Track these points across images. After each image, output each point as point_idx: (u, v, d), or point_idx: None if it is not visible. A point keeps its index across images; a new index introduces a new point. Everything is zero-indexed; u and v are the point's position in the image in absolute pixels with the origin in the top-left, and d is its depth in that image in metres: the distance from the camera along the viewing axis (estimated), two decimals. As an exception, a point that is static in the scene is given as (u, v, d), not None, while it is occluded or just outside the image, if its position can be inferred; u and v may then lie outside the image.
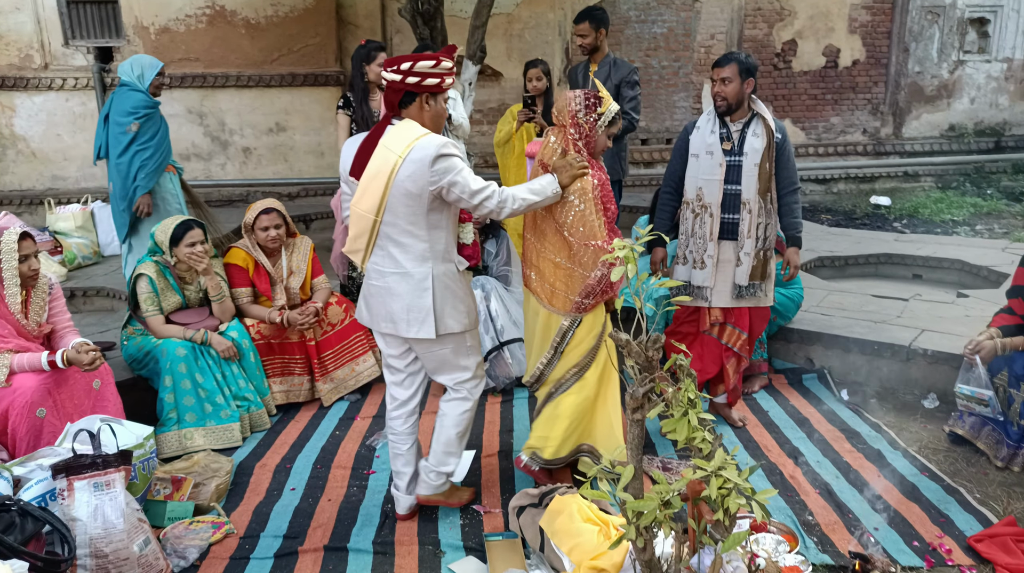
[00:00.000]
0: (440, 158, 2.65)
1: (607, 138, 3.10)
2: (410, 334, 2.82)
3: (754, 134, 3.58)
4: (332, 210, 4.70)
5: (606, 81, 4.41)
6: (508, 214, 2.85)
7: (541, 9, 9.70)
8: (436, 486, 3.07)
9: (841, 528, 2.92)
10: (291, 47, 9.33)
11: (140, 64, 4.53)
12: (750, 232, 3.61)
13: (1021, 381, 3.28)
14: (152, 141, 4.52)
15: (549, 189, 2.94)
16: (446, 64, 2.74)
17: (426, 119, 2.78)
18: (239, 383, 3.88)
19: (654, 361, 2.05)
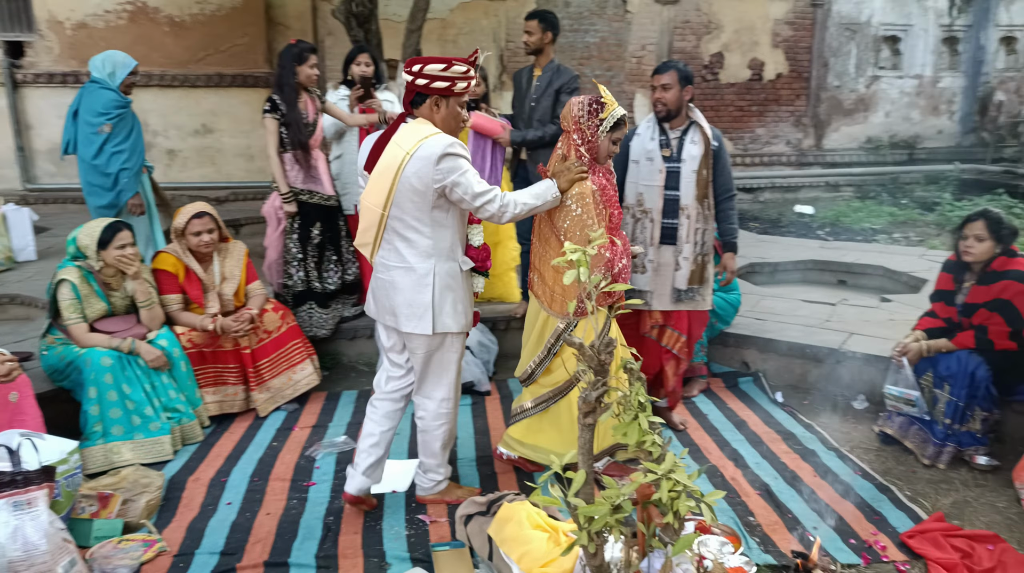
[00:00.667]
0: (446, 156, 2.70)
1: (611, 143, 3.10)
2: (408, 328, 2.87)
3: (692, 141, 3.65)
4: (264, 216, 4.54)
5: (548, 86, 4.42)
6: (509, 218, 2.89)
7: (475, 15, 9.71)
8: (430, 489, 3.19)
9: (782, 528, 2.99)
10: (218, 47, 9.07)
11: (112, 61, 4.41)
12: (689, 237, 3.67)
13: (945, 381, 3.44)
14: (127, 142, 4.44)
15: (549, 194, 2.98)
16: (458, 68, 2.75)
17: (437, 120, 2.83)
18: (169, 394, 3.71)
19: (607, 365, 2.05)
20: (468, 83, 2.80)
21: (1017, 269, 3.34)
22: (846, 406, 4.11)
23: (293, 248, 4.46)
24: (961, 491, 3.24)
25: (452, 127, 2.85)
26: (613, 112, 3.05)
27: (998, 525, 3.00)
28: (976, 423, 3.42)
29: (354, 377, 4.66)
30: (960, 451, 3.45)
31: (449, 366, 2.99)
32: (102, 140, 4.38)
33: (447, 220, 2.83)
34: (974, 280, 3.48)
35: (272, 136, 4.29)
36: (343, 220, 4.71)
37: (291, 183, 4.35)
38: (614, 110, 3.05)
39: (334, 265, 4.63)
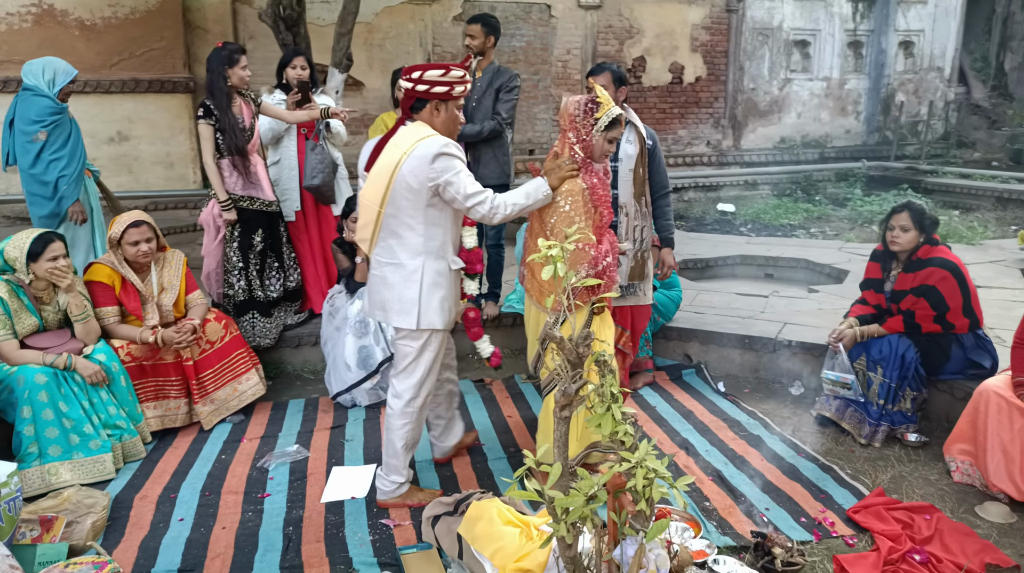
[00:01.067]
0: (440, 156, 2.81)
1: (606, 142, 3.12)
2: (395, 322, 2.98)
3: (628, 141, 3.75)
4: (202, 225, 4.41)
5: (488, 86, 4.46)
6: (500, 219, 2.95)
7: (401, 19, 9.67)
8: (391, 492, 3.17)
9: (736, 511, 3.10)
10: (133, 51, 8.73)
11: (53, 68, 4.27)
12: (628, 234, 3.77)
13: (878, 364, 3.65)
14: (65, 149, 4.30)
15: (539, 192, 3.02)
16: (455, 73, 2.87)
17: (437, 123, 2.94)
18: (109, 410, 3.56)
19: (584, 358, 2.10)
20: (465, 87, 2.92)
21: (940, 257, 3.57)
22: (784, 392, 4.30)
23: (234, 257, 4.35)
24: (896, 467, 3.44)
25: (451, 130, 2.98)
26: (608, 111, 3.08)
27: (932, 496, 3.20)
28: (907, 403, 3.64)
29: (299, 386, 4.57)
30: (893, 430, 3.66)
31: (418, 362, 3.03)
32: (38, 148, 4.26)
33: (440, 219, 2.92)
34: (901, 268, 3.70)
35: (207, 142, 4.17)
36: (284, 226, 4.61)
37: (230, 190, 4.24)
38: (609, 109, 3.09)
39: (276, 272, 4.54)
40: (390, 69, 9.41)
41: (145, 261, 3.83)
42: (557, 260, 2.07)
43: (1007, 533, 2.92)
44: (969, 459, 3.27)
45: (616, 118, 3.11)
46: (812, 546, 2.85)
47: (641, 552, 2.31)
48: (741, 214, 9.50)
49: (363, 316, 4.24)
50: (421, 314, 2.92)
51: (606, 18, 10.28)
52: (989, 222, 8.45)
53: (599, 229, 3.13)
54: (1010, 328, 4.24)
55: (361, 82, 9.50)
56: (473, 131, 4.46)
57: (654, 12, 10.41)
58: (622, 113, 3.14)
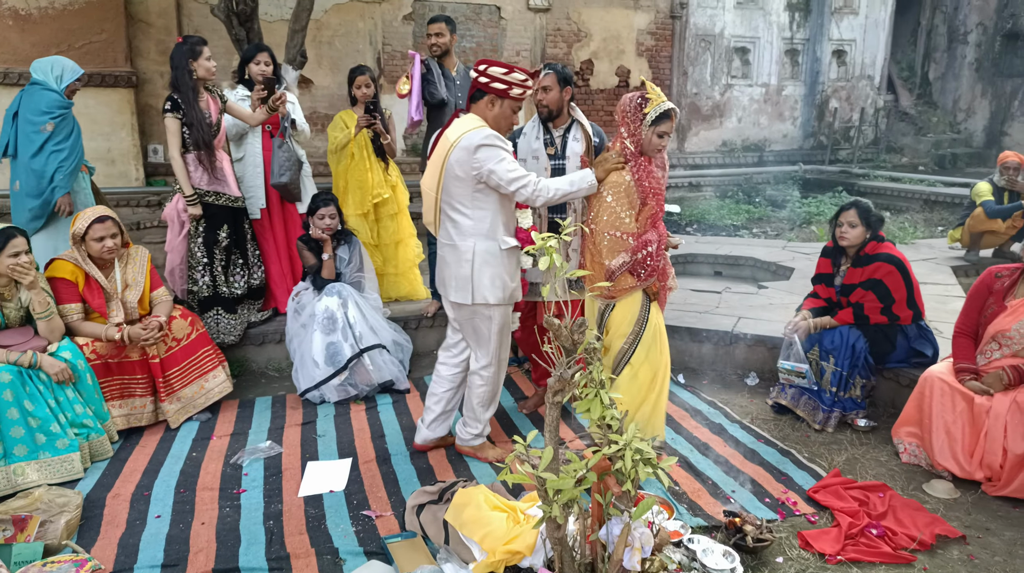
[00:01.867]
0: (481, 147, 3.04)
1: (656, 136, 3.18)
2: (453, 298, 3.27)
3: (574, 139, 3.79)
4: (165, 220, 4.34)
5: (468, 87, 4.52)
6: (543, 202, 3.14)
7: (351, 17, 9.63)
8: (468, 441, 3.52)
9: (705, 494, 3.25)
10: (72, 43, 8.46)
11: (61, 66, 4.38)
12: (578, 231, 3.81)
13: (830, 354, 3.86)
14: (67, 142, 4.31)
15: (584, 181, 3.19)
16: (516, 76, 3.09)
17: (490, 117, 3.17)
18: (76, 409, 3.49)
19: (579, 344, 2.19)
20: (524, 91, 3.11)
21: (886, 252, 3.81)
22: (741, 383, 4.49)
23: (198, 252, 4.30)
24: (849, 450, 3.65)
25: (502, 126, 3.19)
26: (657, 106, 3.14)
27: (883, 476, 3.41)
28: (857, 390, 3.87)
29: (265, 383, 4.55)
30: (844, 415, 3.88)
31: (489, 335, 3.31)
32: (43, 139, 4.29)
33: (487, 203, 3.15)
34: (849, 263, 3.93)
35: (174, 136, 4.12)
36: (248, 223, 4.58)
37: (195, 184, 4.20)
38: (658, 104, 3.15)
39: (240, 269, 4.51)
40: (340, 67, 9.40)
41: (110, 257, 3.76)
42: (551, 252, 2.16)
43: (952, 507, 3.15)
44: (916, 441, 3.50)
45: (665, 112, 3.16)
46: (778, 524, 3.02)
47: (627, 531, 2.43)
48: (687, 214, 9.78)
49: (331, 312, 4.26)
50: (475, 290, 3.17)
51: (555, 21, 10.45)
52: (918, 223, 8.93)
53: (651, 219, 3.27)
54: (946, 320, 4.55)
55: (310, 80, 9.43)
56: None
57: (601, 16, 10.63)
58: (673, 108, 3.19)
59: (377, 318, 4.47)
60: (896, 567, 2.73)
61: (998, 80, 13.00)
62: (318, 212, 4.35)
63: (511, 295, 3.26)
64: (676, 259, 6.54)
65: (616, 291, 3.32)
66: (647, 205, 3.26)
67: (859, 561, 2.75)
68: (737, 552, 2.73)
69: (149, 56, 8.88)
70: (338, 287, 4.35)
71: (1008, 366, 3.26)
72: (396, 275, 5.32)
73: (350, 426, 3.93)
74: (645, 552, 2.31)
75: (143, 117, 8.86)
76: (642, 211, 3.27)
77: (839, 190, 10.28)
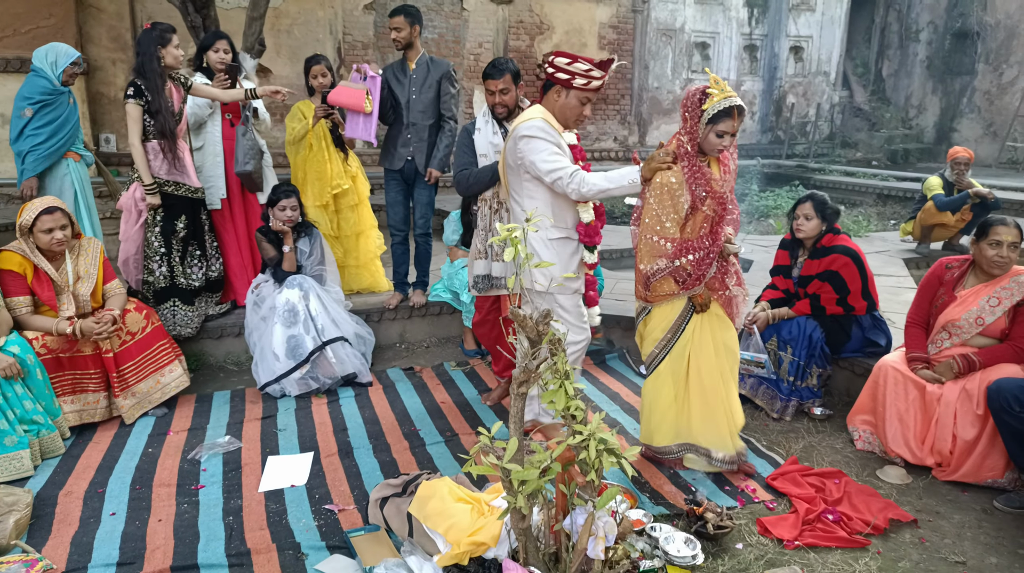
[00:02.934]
0: (523, 138, 3.05)
1: (715, 135, 2.92)
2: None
3: None
4: (120, 209, 4.23)
5: (427, 78, 4.48)
6: (579, 196, 3.06)
7: (310, 6, 9.49)
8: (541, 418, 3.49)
9: (667, 483, 3.29)
10: (17, 28, 8.19)
11: (55, 52, 4.39)
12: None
13: (788, 344, 3.93)
14: (46, 127, 4.35)
15: (624, 179, 3.05)
16: (579, 66, 3.01)
17: (556, 108, 3.12)
18: (25, 405, 3.39)
19: (544, 335, 2.19)
20: (589, 81, 3.02)
21: (842, 244, 3.89)
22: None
23: (155, 242, 4.20)
24: (806, 438, 3.73)
25: (567, 117, 3.13)
26: (715, 104, 2.88)
27: (839, 463, 3.49)
28: (813, 379, 3.94)
29: (223, 377, 4.47)
30: (801, 404, 3.95)
31: (562, 317, 3.28)
32: (23, 124, 4.37)
33: (537, 193, 3.16)
34: (807, 255, 4.00)
35: (136, 123, 4.02)
36: (207, 214, 4.49)
37: (155, 174, 4.10)
38: (717, 101, 2.87)
39: (198, 261, 4.42)
40: (298, 56, 9.26)
41: (59, 249, 3.65)
42: (515, 243, 2.16)
43: (905, 492, 3.23)
44: (870, 428, 3.59)
45: (726, 109, 2.88)
46: (737, 511, 3.07)
47: (591, 520, 2.44)
48: (648, 208, 9.85)
49: (292, 305, 4.20)
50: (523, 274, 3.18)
51: (517, 13, 10.43)
52: (872, 216, 9.14)
53: (710, 226, 3.03)
54: (898, 311, 4.67)
55: (268, 69, 9.27)
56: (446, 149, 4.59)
57: (563, 9, 10.63)
58: (737, 105, 2.91)
59: (339, 311, 4.42)
60: (851, 551, 2.79)
61: (948, 78, 13.35)
62: (279, 204, 4.28)
63: (563, 287, 3.21)
64: (638, 251, 6.59)
65: (653, 297, 3.16)
66: (698, 210, 3.00)
67: (816, 546, 2.81)
68: (698, 539, 2.77)
69: (100, 43, 8.64)
70: (299, 279, 4.29)
71: (958, 355, 3.36)
72: (357, 267, 5.26)
73: (312, 420, 3.89)
74: (609, 541, 2.33)
75: (94, 105, 8.62)
76: (693, 217, 3.02)
77: (796, 184, 10.46)
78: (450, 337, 5.10)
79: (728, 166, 3.09)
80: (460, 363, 4.72)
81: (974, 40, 12.83)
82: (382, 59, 9.76)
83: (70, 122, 4.50)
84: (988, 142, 12.66)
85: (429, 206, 4.77)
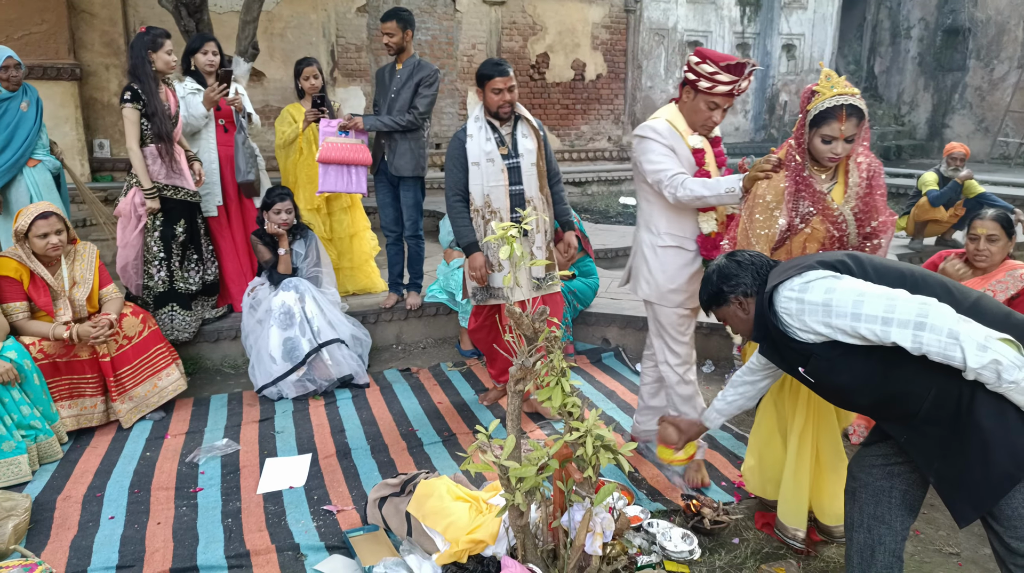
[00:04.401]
0: (636, 138, 3.00)
1: (821, 142, 2.49)
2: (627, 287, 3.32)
3: (523, 135, 3.65)
4: (117, 215, 4.23)
5: (408, 79, 4.49)
6: (675, 200, 2.88)
7: (303, 9, 9.49)
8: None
9: (664, 479, 3.30)
10: (10, 34, 8.17)
11: None
12: (538, 227, 3.70)
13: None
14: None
15: (721, 187, 2.75)
16: (705, 67, 2.79)
17: (685, 108, 2.96)
18: (23, 410, 3.39)
19: (540, 333, 2.21)
20: (713, 85, 2.79)
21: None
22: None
23: (155, 247, 4.21)
24: (802, 433, 3.74)
25: (693, 120, 2.94)
26: (818, 103, 2.47)
27: (835, 458, 3.50)
28: (808, 375, 3.95)
29: (220, 381, 4.47)
30: (797, 400, 3.96)
31: (657, 332, 3.21)
32: None
33: (652, 195, 3.03)
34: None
35: (133, 127, 4.02)
36: (202, 218, 4.50)
37: (153, 178, 4.11)
38: (822, 101, 2.46)
39: (195, 265, 4.42)
40: (291, 59, 9.22)
41: (55, 254, 3.65)
42: (511, 242, 2.17)
43: (900, 486, 3.25)
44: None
45: (829, 110, 2.45)
46: (734, 506, 3.08)
47: (588, 517, 2.46)
48: (642, 207, 9.88)
49: (288, 307, 4.21)
50: (634, 280, 3.21)
51: (510, 14, 10.45)
52: (865, 213, 9.15)
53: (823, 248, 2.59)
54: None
55: (262, 73, 9.27)
56: (389, 122, 4.49)
57: (556, 10, 10.65)
58: (845, 104, 2.44)
59: (335, 313, 4.43)
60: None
61: (939, 74, 13.41)
62: (274, 207, 4.29)
63: (664, 297, 3.05)
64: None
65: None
66: (798, 231, 2.58)
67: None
68: (695, 534, 2.79)
69: (93, 48, 8.63)
70: (295, 282, 4.30)
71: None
72: (352, 269, 5.27)
73: (309, 422, 3.90)
74: (606, 537, 2.35)
75: (88, 111, 8.61)
76: (792, 238, 2.61)
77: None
78: (446, 338, 5.11)
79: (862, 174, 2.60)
80: (457, 364, 4.74)
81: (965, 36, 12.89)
82: (375, 62, 9.77)
83: (24, 129, 4.27)
84: (980, 138, 12.72)
85: (415, 208, 4.73)
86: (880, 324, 1.86)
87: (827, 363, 2.02)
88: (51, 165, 4.51)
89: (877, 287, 1.93)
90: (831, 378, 2.06)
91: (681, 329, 3.16)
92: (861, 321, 1.88)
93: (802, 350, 2.04)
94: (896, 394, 1.97)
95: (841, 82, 2.50)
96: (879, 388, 1.99)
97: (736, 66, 2.77)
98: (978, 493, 1.89)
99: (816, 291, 1.97)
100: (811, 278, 2.00)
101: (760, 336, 2.20)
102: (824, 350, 2.00)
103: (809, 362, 2.06)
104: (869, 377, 1.98)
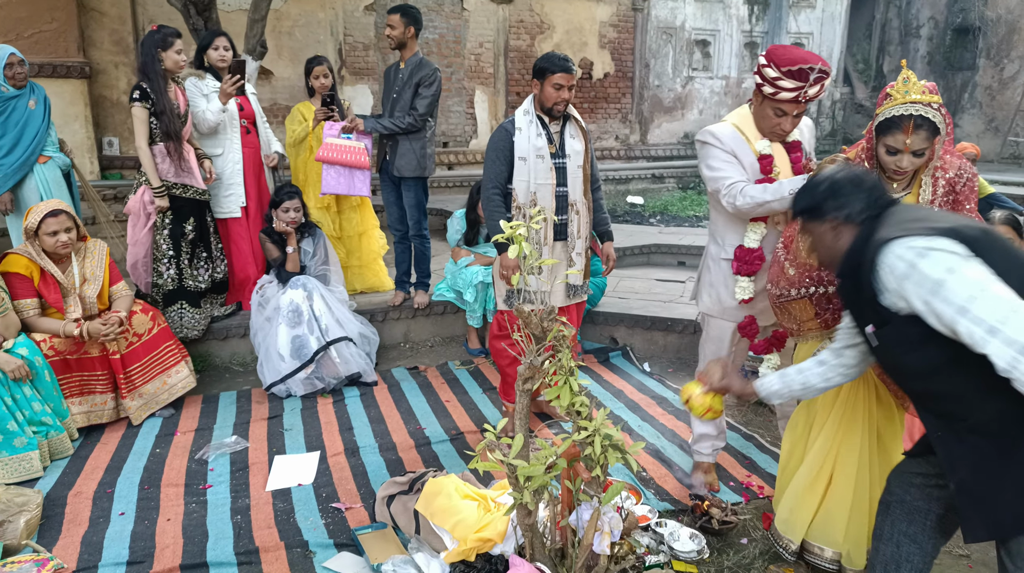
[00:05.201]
0: (697, 142, 2.89)
1: (886, 152, 2.35)
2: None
3: (571, 135, 3.51)
4: (127, 213, 4.25)
5: (409, 79, 4.49)
6: (734, 209, 2.74)
7: (311, 7, 9.51)
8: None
9: (671, 479, 3.31)
10: (20, 32, 8.21)
11: None
12: (579, 233, 3.55)
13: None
14: (5, 138, 4.12)
15: (786, 189, 2.59)
16: (768, 72, 2.63)
17: (755, 112, 2.81)
18: (34, 406, 3.41)
19: (548, 332, 2.21)
20: (776, 91, 2.63)
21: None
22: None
23: (164, 245, 4.23)
24: (810, 434, 3.74)
25: (763, 127, 2.77)
26: (886, 110, 2.32)
27: (843, 458, 3.50)
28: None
29: (229, 378, 4.49)
30: (805, 400, 3.95)
31: (705, 346, 3.14)
32: None
33: (718, 204, 2.87)
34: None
35: (142, 125, 4.04)
36: (211, 216, 4.51)
37: (162, 176, 4.13)
38: (891, 107, 2.30)
39: (204, 262, 4.44)
40: (300, 58, 9.27)
41: (65, 252, 3.67)
42: (519, 241, 2.17)
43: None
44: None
45: (894, 119, 2.30)
46: (742, 506, 3.08)
47: (596, 516, 2.46)
48: (649, 206, 9.87)
49: (296, 305, 4.22)
50: (696, 293, 3.13)
51: (518, 13, 10.43)
52: (874, 212, 9.11)
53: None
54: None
55: (270, 71, 9.29)
56: (389, 127, 4.50)
57: (564, 8, 10.64)
58: (912, 115, 2.28)
59: (343, 311, 4.44)
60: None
61: (949, 73, 13.34)
62: (283, 205, 4.31)
63: (726, 312, 2.94)
64: (640, 250, 6.61)
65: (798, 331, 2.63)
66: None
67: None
68: (703, 534, 2.79)
69: (103, 46, 8.67)
70: (303, 280, 4.31)
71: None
72: (360, 267, 5.28)
73: (317, 419, 3.91)
74: (614, 536, 2.35)
75: (97, 109, 8.64)
76: None
77: (798, 181, 10.44)
78: (454, 336, 5.12)
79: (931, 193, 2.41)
80: (464, 362, 4.74)
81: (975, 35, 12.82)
82: (383, 60, 9.78)
83: (33, 127, 4.27)
84: (990, 137, 12.66)
85: (417, 207, 4.71)
86: (985, 331, 1.61)
87: (900, 335, 1.81)
88: (61, 162, 4.53)
89: (1003, 288, 1.65)
90: (896, 352, 1.86)
91: (722, 345, 3.04)
92: (965, 317, 1.64)
93: (881, 312, 1.83)
94: (954, 395, 1.79)
95: (918, 87, 2.31)
96: (941, 382, 1.81)
97: (799, 71, 2.57)
98: (999, 519, 1.77)
99: (936, 264, 1.69)
100: (937, 246, 1.71)
101: (844, 273, 1.96)
102: (903, 322, 1.78)
103: (881, 326, 1.85)
104: (936, 370, 1.79)
